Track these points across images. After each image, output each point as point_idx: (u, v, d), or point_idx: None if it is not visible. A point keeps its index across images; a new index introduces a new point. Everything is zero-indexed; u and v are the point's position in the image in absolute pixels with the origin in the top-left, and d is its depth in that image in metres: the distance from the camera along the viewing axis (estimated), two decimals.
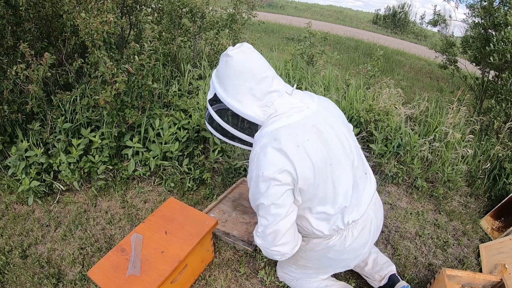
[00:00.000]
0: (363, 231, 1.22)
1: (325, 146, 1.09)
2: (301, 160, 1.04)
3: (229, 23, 3.22)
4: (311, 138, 1.06)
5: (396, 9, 13.20)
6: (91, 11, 1.97)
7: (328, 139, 1.10)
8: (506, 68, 2.88)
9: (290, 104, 1.11)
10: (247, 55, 1.07)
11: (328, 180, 1.09)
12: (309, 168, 1.05)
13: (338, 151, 1.12)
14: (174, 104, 2.47)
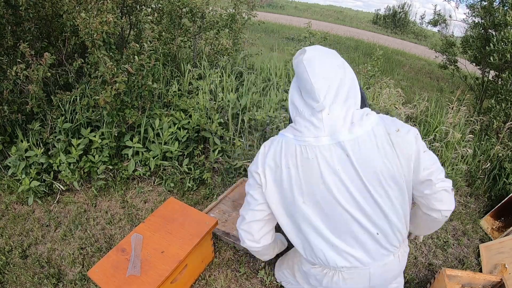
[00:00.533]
0: (346, 281, 1.10)
1: (303, 182, 1.01)
2: (270, 180, 1.05)
3: (229, 23, 3.22)
4: (292, 168, 1.01)
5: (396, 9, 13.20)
6: (91, 11, 1.97)
7: (314, 183, 1.00)
8: (506, 68, 2.88)
9: (311, 124, 1.01)
10: (298, 64, 1.03)
11: (298, 212, 1.05)
12: (275, 190, 1.06)
13: (321, 195, 1.00)
14: (174, 104, 2.47)
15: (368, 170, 0.98)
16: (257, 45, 4.62)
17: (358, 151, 0.97)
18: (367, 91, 3.00)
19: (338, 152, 0.98)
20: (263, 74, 3.22)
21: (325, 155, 0.98)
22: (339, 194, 0.99)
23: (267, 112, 2.50)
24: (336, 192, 0.99)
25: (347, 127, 0.99)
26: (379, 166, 0.98)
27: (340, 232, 1.04)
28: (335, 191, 0.99)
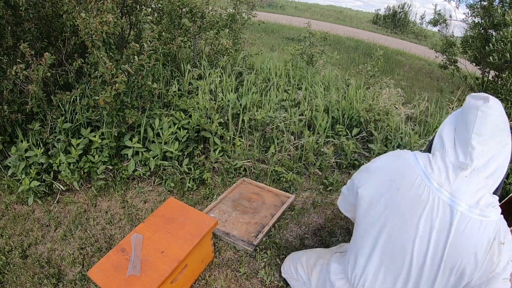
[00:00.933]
0: None
1: (396, 212, 0.96)
2: (377, 185, 1.02)
3: (229, 23, 3.22)
4: (400, 192, 0.95)
5: (396, 9, 13.21)
6: (91, 11, 1.98)
7: (406, 219, 0.94)
8: (506, 68, 2.88)
9: (444, 171, 0.94)
10: (472, 109, 0.93)
11: (372, 229, 1.02)
12: (370, 196, 1.03)
13: (405, 236, 0.95)
14: (174, 104, 2.47)
15: (453, 256, 0.90)
16: (257, 45, 4.63)
17: (461, 231, 0.89)
18: (367, 91, 3.01)
19: (446, 215, 0.90)
20: (263, 74, 3.22)
21: (434, 207, 0.91)
22: (417, 250, 0.93)
23: (267, 112, 2.50)
24: (417, 246, 0.93)
25: (470, 203, 0.90)
26: (464, 261, 0.89)
27: (390, 276, 1.01)
28: (417, 244, 0.93)
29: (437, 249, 0.91)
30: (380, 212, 0.99)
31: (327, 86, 3.11)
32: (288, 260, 1.54)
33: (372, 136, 2.56)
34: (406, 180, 0.95)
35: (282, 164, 2.32)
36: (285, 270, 1.54)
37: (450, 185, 0.91)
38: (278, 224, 1.91)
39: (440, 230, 0.90)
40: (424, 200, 0.91)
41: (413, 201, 0.93)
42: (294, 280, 1.48)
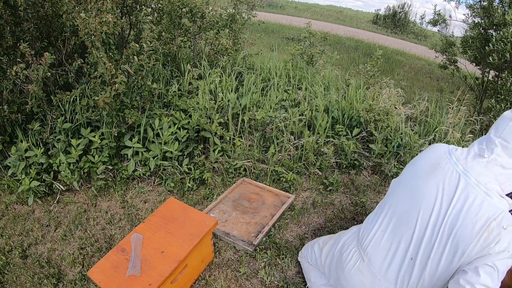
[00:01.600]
0: (359, 273, 1.20)
1: (418, 177, 1.12)
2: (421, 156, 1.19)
3: (229, 23, 3.22)
4: (427, 160, 1.14)
5: (396, 9, 13.22)
6: (91, 11, 1.97)
7: (423, 181, 1.10)
8: (506, 68, 2.88)
9: (467, 152, 1.07)
10: (506, 119, 1.03)
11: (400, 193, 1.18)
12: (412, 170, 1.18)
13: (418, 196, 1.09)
14: (174, 104, 2.47)
15: (452, 221, 0.99)
16: (257, 45, 4.62)
17: (464, 199, 0.99)
18: (367, 91, 3.01)
19: (455, 180, 1.03)
20: (263, 74, 3.22)
21: (448, 173, 1.05)
22: (423, 209, 1.06)
23: (267, 112, 2.50)
24: (424, 206, 1.06)
25: (479, 180, 1.00)
26: (461, 229, 0.97)
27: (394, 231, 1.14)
28: (424, 204, 1.06)
29: (440, 211, 1.02)
30: (405, 179, 1.17)
31: (327, 86, 3.11)
32: (308, 244, 1.62)
33: (372, 136, 2.56)
34: (434, 153, 1.13)
35: (282, 164, 2.32)
36: (303, 253, 1.62)
37: (466, 163, 1.04)
38: (278, 224, 1.91)
39: (447, 193, 1.02)
40: (442, 167, 1.07)
41: (433, 166, 1.09)
42: (307, 263, 1.55)
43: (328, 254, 1.42)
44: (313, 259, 1.51)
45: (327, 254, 1.43)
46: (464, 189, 1.00)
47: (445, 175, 1.05)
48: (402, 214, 1.12)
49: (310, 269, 1.52)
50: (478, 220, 0.96)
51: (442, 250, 1.01)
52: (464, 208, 0.98)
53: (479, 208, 0.96)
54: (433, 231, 1.03)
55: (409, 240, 1.08)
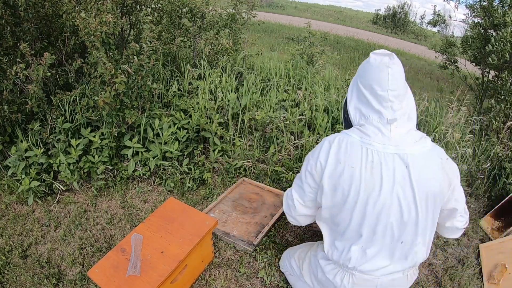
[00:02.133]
0: (354, 287, 1.16)
1: (362, 186, 1.02)
2: (334, 174, 1.06)
3: (229, 23, 3.22)
4: (357, 168, 1.02)
5: (396, 9, 13.22)
6: (91, 11, 1.97)
7: (372, 185, 1.02)
8: (506, 68, 2.88)
9: (379, 131, 1.05)
10: (379, 66, 1.05)
11: (345, 211, 1.08)
12: (333, 185, 1.07)
13: (373, 202, 1.03)
14: (174, 104, 2.47)
15: (422, 188, 1.02)
16: (257, 45, 4.63)
17: (418, 167, 1.01)
18: None
19: (399, 163, 1.01)
20: (263, 74, 3.22)
21: (388, 162, 1.01)
22: (391, 204, 1.02)
23: (267, 112, 2.50)
24: (389, 202, 1.02)
25: (410, 143, 1.03)
26: (432, 186, 1.03)
27: (374, 240, 1.08)
28: (388, 201, 1.02)
29: (408, 193, 1.01)
30: (346, 194, 1.05)
31: (327, 86, 3.11)
32: (284, 256, 1.57)
33: None
34: (353, 156, 1.04)
35: (282, 164, 2.31)
36: (282, 265, 1.58)
37: (390, 139, 1.03)
38: (278, 224, 1.91)
39: (402, 178, 1.01)
40: (377, 163, 1.01)
41: (369, 169, 1.02)
42: (291, 275, 1.50)
43: (310, 276, 1.35)
44: (296, 273, 1.45)
45: (309, 275, 1.36)
46: (411, 161, 1.01)
47: (387, 168, 1.01)
48: (371, 223, 1.06)
49: (296, 279, 1.47)
50: (436, 170, 1.04)
51: (426, 216, 1.06)
52: (423, 173, 1.02)
53: (430, 162, 1.04)
54: (410, 217, 1.04)
55: (393, 238, 1.07)
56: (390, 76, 1.02)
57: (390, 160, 1.01)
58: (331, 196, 1.08)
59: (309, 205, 1.17)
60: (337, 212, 1.10)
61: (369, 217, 1.05)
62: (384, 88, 1.03)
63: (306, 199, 1.17)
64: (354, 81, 1.13)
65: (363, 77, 1.08)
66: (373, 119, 1.06)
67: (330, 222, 1.15)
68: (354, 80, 1.13)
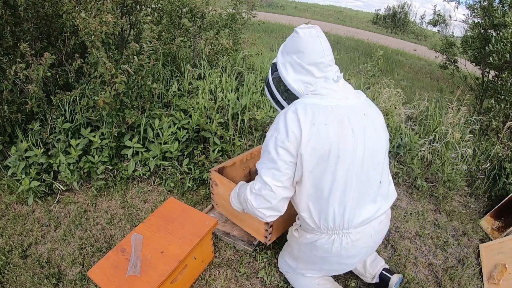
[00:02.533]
0: (354, 244, 1.19)
1: (339, 139, 1.08)
2: (310, 136, 1.07)
3: (229, 23, 3.22)
4: (330, 124, 1.08)
5: (396, 9, 13.20)
6: (91, 11, 1.97)
7: (347, 136, 1.09)
8: (506, 68, 2.88)
9: (331, 89, 1.14)
10: (311, 38, 1.12)
11: (328, 172, 1.10)
12: (312, 148, 1.08)
13: (351, 152, 1.09)
14: (174, 104, 2.47)
15: (380, 131, 1.17)
16: (257, 45, 4.62)
17: (371, 114, 1.17)
18: (367, 91, 3.00)
19: (359, 112, 1.13)
20: (263, 74, 3.21)
21: (352, 114, 1.11)
22: (365, 150, 1.12)
23: (267, 112, 2.50)
24: (362, 149, 1.11)
25: (354, 95, 1.18)
26: (384, 128, 1.20)
27: (361, 189, 1.15)
28: (362, 148, 1.11)
29: (373, 135, 1.14)
30: (326, 151, 1.08)
31: None
32: (280, 258, 1.58)
33: None
34: (322, 115, 1.09)
35: None
36: (280, 266, 1.58)
37: (342, 94, 1.15)
38: None
39: (367, 125, 1.13)
40: (344, 115, 1.10)
41: (340, 123, 1.09)
42: (290, 274, 1.52)
43: (310, 264, 1.36)
44: (295, 270, 1.46)
45: (309, 263, 1.37)
46: (365, 106, 1.17)
47: (354, 118, 1.11)
48: (360, 176, 1.13)
49: (296, 277, 1.48)
50: (381, 116, 1.23)
51: (386, 155, 1.22)
52: (373, 112, 1.20)
53: (375, 110, 1.22)
54: (379, 156, 1.17)
55: (375, 181, 1.18)
56: (323, 44, 1.13)
57: (352, 112, 1.12)
58: (312, 160, 1.09)
59: (287, 184, 1.15)
60: (320, 175, 1.10)
61: (352, 167, 1.10)
62: (321, 55, 1.13)
63: (284, 178, 1.14)
64: (284, 57, 1.19)
65: (296, 51, 1.15)
66: (320, 84, 1.14)
67: (313, 193, 1.14)
68: (284, 56, 1.20)
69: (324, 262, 1.30)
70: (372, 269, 1.50)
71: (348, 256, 1.24)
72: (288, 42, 1.19)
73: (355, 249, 1.21)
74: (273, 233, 1.63)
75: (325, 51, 1.13)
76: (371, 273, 1.50)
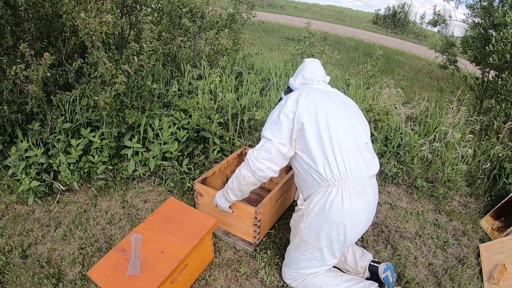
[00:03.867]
0: (360, 196, 1.32)
1: (330, 103, 1.39)
2: (305, 102, 1.37)
3: (229, 23, 3.22)
4: (319, 93, 1.42)
5: (396, 9, 13.19)
6: (91, 11, 1.97)
7: (336, 103, 1.42)
8: (506, 68, 2.88)
9: (320, 84, 1.56)
10: (311, 63, 1.63)
11: (323, 124, 1.33)
12: (308, 111, 1.34)
13: (338, 109, 1.39)
14: (174, 104, 2.47)
15: (356, 109, 1.53)
16: (257, 45, 4.62)
17: (350, 101, 1.56)
18: (367, 91, 3.00)
19: (340, 95, 1.53)
20: (263, 74, 3.22)
21: (335, 94, 1.51)
22: (349, 111, 1.44)
23: (267, 112, 2.50)
24: (345, 109, 1.43)
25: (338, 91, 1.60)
26: (360, 110, 1.56)
27: (355, 147, 1.35)
28: (343, 107, 1.43)
29: (356, 108, 1.53)
30: (322, 111, 1.35)
31: None
32: (290, 271, 1.53)
33: (372, 136, 2.56)
34: (314, 90, 1.45)
35: None
36: (288, 277, 1.54)
37: (329, 87, 1.60)
38: (278, 224, 1.91)
39: (347, 102, 1.51)
40: (331, 92, 1.51)
41: (328, 95, 1.45)
42: (301, 280, 1.50)
43: (315, 243, 1.41)
44: (310, 267, 1.46)
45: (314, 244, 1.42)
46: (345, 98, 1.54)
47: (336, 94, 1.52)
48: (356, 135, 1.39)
49: (308, 283, 1.48)
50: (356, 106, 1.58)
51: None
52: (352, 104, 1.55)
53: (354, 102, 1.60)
54: (363, 122, 1.48)
55: (363, 141, 1.40)
56: (317, 65, 1.64)
57: (335, 93, 1.52)
58: (310, 118, 1.34)
59: (285, 142, 1.37)
60: (317, 128, 1.33)
61: (340, 121, 1.36)
62: (314, 74, 1.59)
63: (283, 135, 1.36)
64: (297, 73, 1.64)
65: (303, 69, 1.62)
66: (312, 83, 1.56)
67: (314, 144, 1.33)
68: (297, 73, 1.64)
69: (335, 231, 1.34)
70: (362, 263, 1.60)
71: (359, 211, 1.32)
72: (301, 65, 1.68)
73: (362, 203, 1.32)
74: (261, 233, 1.72)
75: (317, 71, 1.59)
76: (362, 267, 1.59)
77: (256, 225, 1.64)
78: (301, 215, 1.42)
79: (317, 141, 1.33)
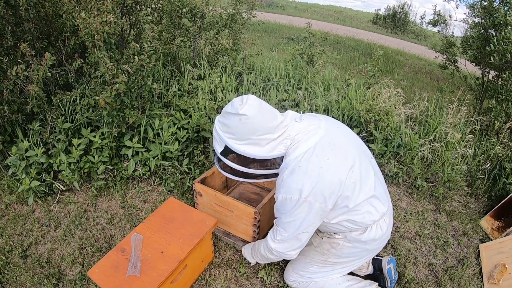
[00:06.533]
0: (389, 220, 1.35)
1: (345, 157, 1.20)
2: (325, 178, 1.14)
3: (229, 23, 3.22)
4: (330, 156, 1.17)
5: (396, 9, 13.19)
6: (91, 11, 1.97)
7: (346, 150, 1.22)
8: (506, 68, 2.88)
9: (303, 130, 1.24)
10: (258, 110, 1.16)
11: (356, 185, 1.19)
12: (332, 183, 1.15)
13: (356, 155, 1.23)
14: (174, 104, 2.47)
15: (349, 132, 1.40)
16: (257, 45, 4.62)
17: (337, 124, 1.39)
18: (367, 91, 3.00)
19: (332, 129, 1.31)
20: (263, 74, 3.21)
21: (331, 135, 1.27)
22: (361, 146, 1.33)
23: None
24: (360, 147, 1.32)
25: (315, 121, 1.35)
26: (350, 130, 1.45)
27: (377, 184, 1.28)
28: (360, 147, 1.32)
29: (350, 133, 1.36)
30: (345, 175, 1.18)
31: (327, 86, 3.11)
32: (294, 274, 1.51)
33: (372, 136, 2.56)
34: (317, 153, 1.19)
35: None
36: (293, 280, 1.52)
37: (312, 128, 1.26)
38: None
39: (344, 132, 1.34)
40: (330, 142, 1.23)
41: (331, 145, 1.22)
42: (308, 283, 1.49)
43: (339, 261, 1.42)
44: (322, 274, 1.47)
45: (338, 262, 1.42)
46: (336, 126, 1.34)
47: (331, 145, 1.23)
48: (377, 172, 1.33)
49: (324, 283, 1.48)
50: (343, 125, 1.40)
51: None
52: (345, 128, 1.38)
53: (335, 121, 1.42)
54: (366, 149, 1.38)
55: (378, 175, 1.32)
56: (265, 107, 1.26)
57: (330, 133, 1.25)
58: (334, 189, 1.17)
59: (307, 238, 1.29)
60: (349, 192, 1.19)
61: (359, 164, 1.22)
62: (272, 117, 1.23)
63: (305, 239, 1.28)
64: (239, 142, 1.28)
65: (251, 132, 1.24)
66: (290, 133, 1.26)
67: (347, 209, 1.21)
68: (238, 142, 1.28)
69: (366, 257, 1.41)
70: None
71: (388, 234, 1.36)
72: (234, 126, 1.17)
73: (385, 225, 1.33)
74: (260, 233, 1.73)
75: (273, 113, 1.21)
76: (366, 261, 1.56)
77: (256, 225, 1.64)
78: (334, 243, 1.38)
79: (355, 206, 1.26)
